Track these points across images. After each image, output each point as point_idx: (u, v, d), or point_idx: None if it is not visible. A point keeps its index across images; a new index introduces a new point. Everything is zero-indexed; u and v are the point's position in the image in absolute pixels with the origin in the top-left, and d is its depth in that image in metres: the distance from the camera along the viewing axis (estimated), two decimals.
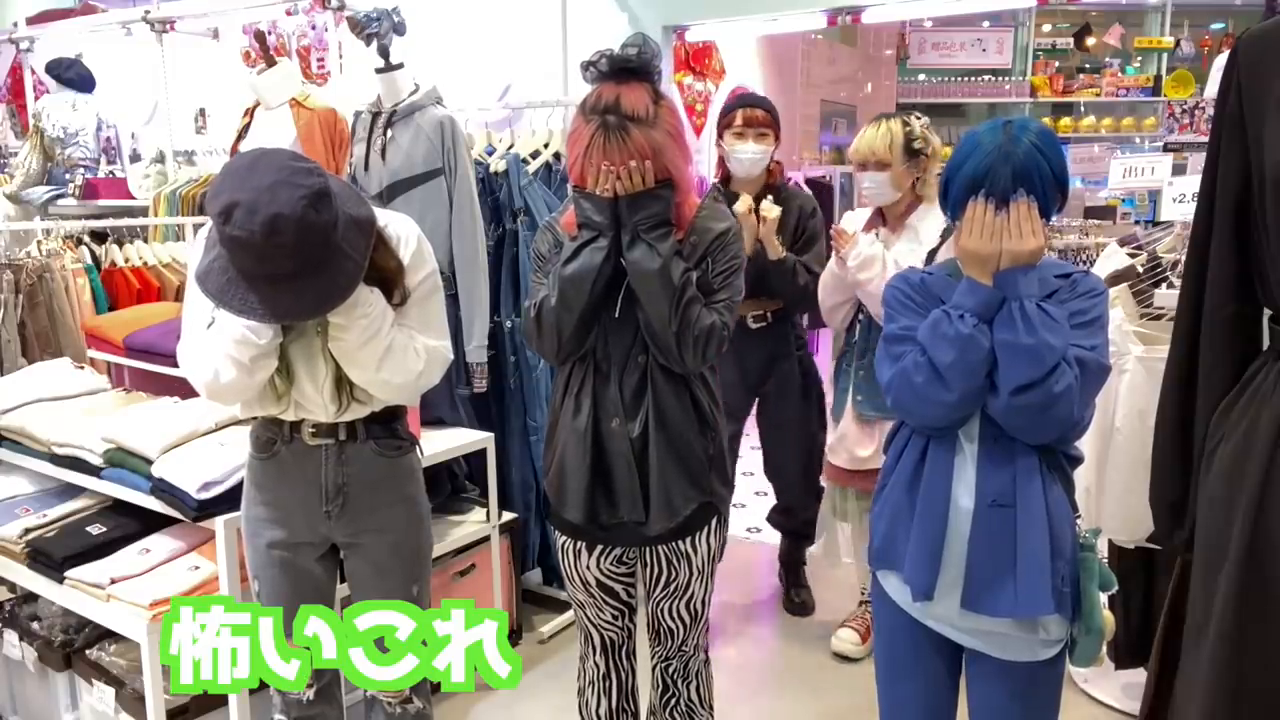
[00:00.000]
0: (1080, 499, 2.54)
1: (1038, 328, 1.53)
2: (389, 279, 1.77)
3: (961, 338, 1.56)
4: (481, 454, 2.89)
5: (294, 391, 1.81)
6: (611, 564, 1.99)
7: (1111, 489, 2.53)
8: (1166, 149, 3.63)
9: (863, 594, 3.15)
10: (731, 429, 2.89)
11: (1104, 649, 1.69)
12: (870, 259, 2.70)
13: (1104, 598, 1.66)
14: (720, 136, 3.12)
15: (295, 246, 1.56)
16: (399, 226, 1.83)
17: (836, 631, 3.13)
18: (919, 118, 2.80)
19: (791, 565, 3.51)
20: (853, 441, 2.88)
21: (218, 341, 1.71)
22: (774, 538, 3.63)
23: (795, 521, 3.41)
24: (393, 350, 1.76)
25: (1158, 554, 2.54)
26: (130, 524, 2.41)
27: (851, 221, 2.92)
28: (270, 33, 4.24)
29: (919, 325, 1.65)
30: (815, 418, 3.23)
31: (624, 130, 1.72)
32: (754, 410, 3.31)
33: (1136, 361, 2.48)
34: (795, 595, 3.45)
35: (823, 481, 3.17)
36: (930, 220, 2.76)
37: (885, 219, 2.85)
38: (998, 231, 1.55)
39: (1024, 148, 1.55)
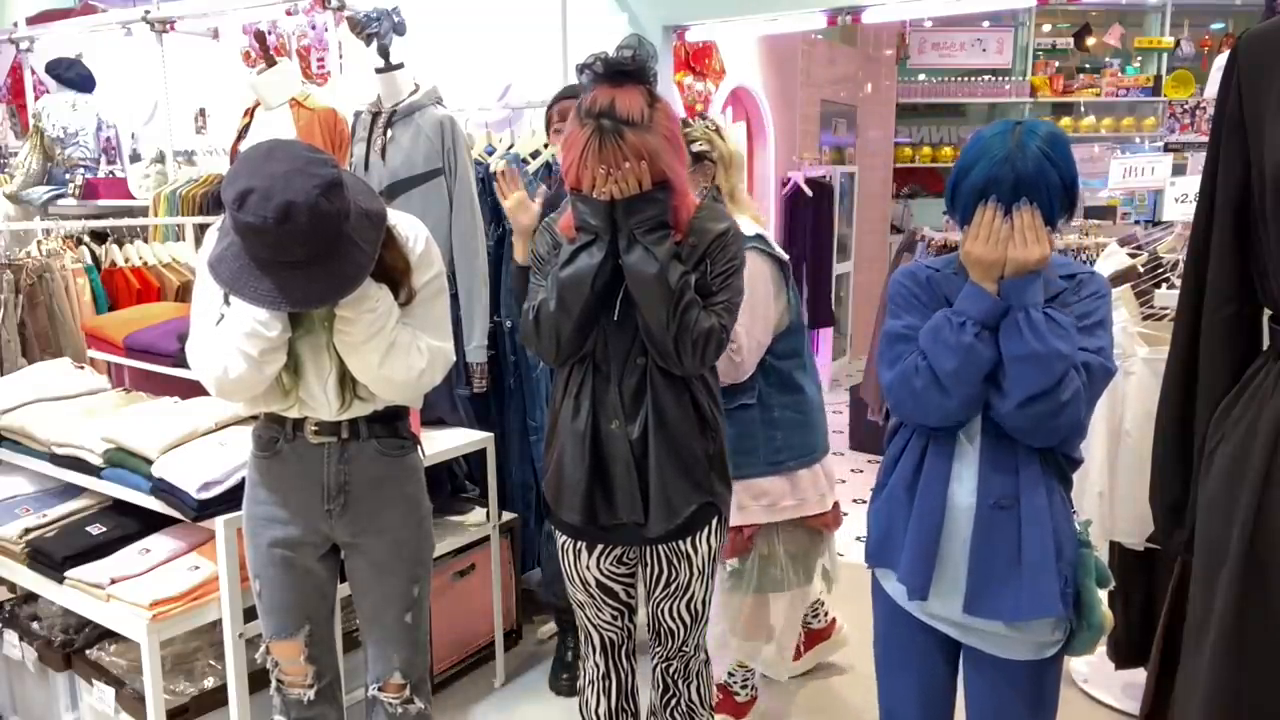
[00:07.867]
0: (1094, 503, 2.55)
1: (1046, 336, 1.52)
2: (397, 277, 1.78)
3: (963, 347, 1.56)
4: (481, 454, 2.89)
5: (299, 388, 1.82)
6: (611, 564, 1.99)
7: (1121, 491, 2.52)
8: (1167, 149, 3.63)
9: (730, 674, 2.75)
10: None
11: (1102, 641, 1.70)
12: None
13: (1103, 594, 1.67)
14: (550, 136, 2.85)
15: (306, 234, 1.58)
16: (408, 227, 1.84)
17: None
18: (704, 118, 2.54)
19: None
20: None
21: (227, 336, 1.72)
22: None
23: None
24: (396, 347, 1.77)
25: (1158, 554, 2.54)
26: (130, 524, 2.41)
27: None
28: (270, 33, 4.24)
29: (921, 325, 1.64)
30: None
31: (619, 134, 1.72)
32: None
33: (1142, 363, 2.47)
34: None
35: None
36: None
37: None
38: (1004, 239, 1.55)
39: (1031, 155, 1.53)
